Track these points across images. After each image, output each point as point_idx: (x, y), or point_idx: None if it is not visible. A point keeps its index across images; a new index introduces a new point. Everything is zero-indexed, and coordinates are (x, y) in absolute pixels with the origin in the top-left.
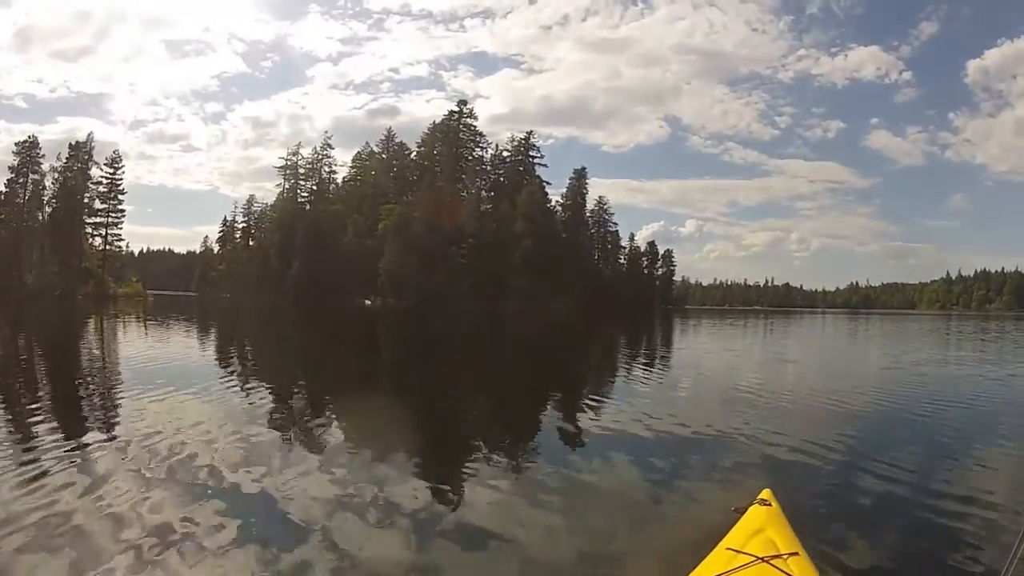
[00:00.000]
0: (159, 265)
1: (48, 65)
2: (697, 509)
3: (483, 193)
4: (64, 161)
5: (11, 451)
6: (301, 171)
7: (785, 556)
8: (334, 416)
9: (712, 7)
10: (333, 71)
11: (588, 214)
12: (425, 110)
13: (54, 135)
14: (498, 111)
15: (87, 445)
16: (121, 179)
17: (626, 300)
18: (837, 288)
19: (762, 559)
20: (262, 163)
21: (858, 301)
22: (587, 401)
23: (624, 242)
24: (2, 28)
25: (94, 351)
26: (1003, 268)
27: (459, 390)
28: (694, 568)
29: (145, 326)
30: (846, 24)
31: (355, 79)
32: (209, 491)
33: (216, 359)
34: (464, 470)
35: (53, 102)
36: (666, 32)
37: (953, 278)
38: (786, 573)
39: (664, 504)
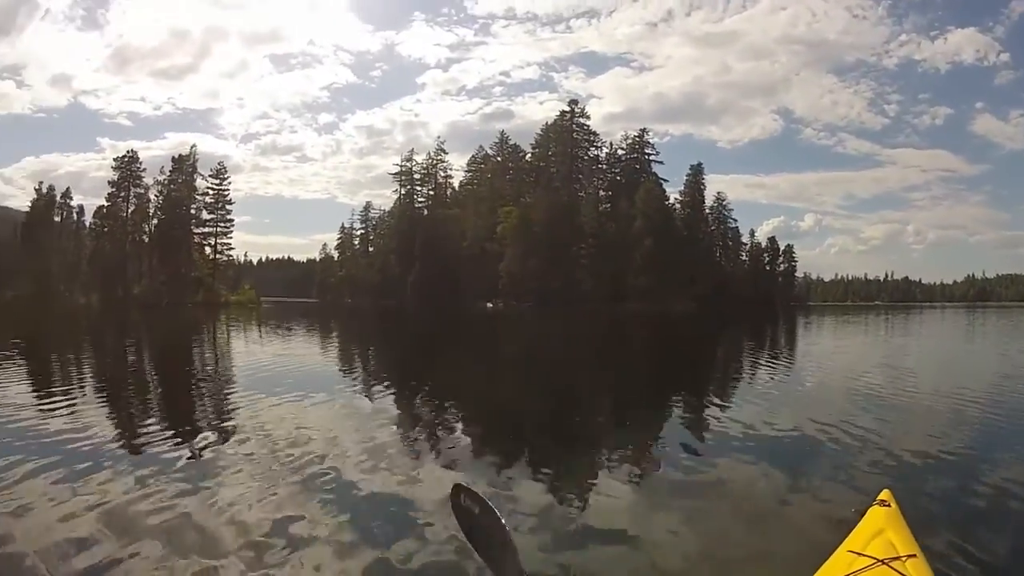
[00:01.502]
0: (278, 273)
1: (151, 84)
2: (818, 510)
3: (600, 192)
4: (168, 174)
5: (133, 455)
6: (416, 177)
7: (903, 558)
8: (458, 419)
9: None
10: (444, 77)
11: (707, 211)
12: (539, 112)
13: (162, 151)
14: (612, 110)
15: (210, 448)
16: (227, 190)
17: (748, 298)
18: (955, 281)
19: (881, 561)
20: (379, 171)
21: (975, 294)
22: (707, 401)
23: (745, 239)
24: (96, 50)
25: (207, 357)
26: None
27: (582, 391)
28: (815, 571)
29: (260, 332)
30: (942, 7)
31: (467, 84)
32: (333, 493)
33: (337, 363)
34: (585, 471)
35: (159, 119)
36: (770, 23)
37: None
38: (903, 575)
39: (785, 505)
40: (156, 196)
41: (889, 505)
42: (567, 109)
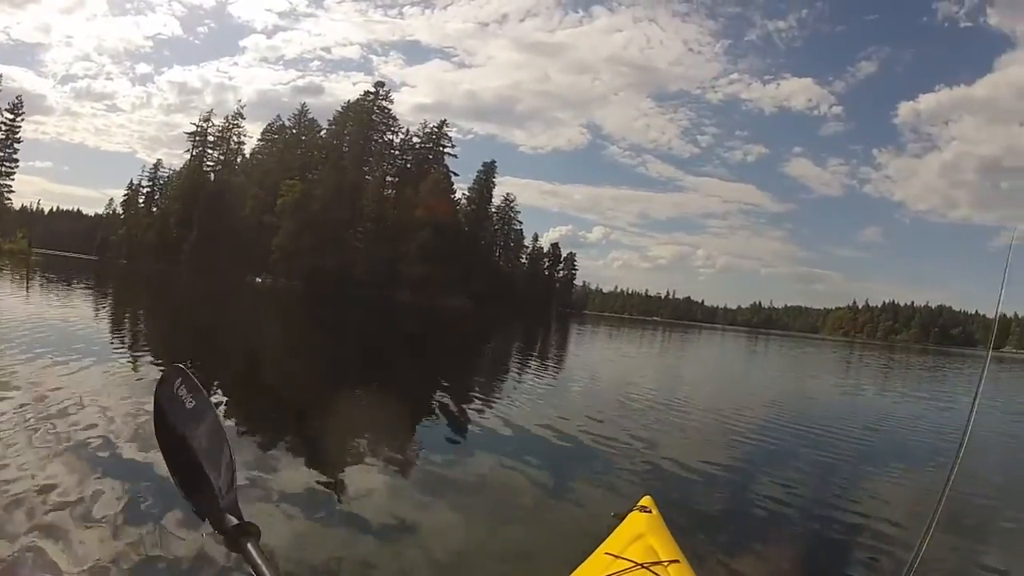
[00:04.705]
0: (67, 225)
1: None
2: (579, 512)
3: (388, 178)
4: None
5: None
6: (210, 139)
7: (665, 563)
8: (218, 397)
9: (652, 23)
10: (266, 44)
11: (494, 210)
12: (350, 92)
13: None
14: (423, 101)
15: None
16: (19, 127)
17: (523, 300)
18: (739, 306)
19: (641, 565)
20: (180, 130)
21: (759, 321)
22: (477, 400)
23: (528, 242)
24: None
25: None
26: (913, 302)
27: (345, 379)
28: (571, 572)
29: (27, 286)
30: (785, 55)
31: (286, 54)
32: (104, 465)
33: (102, 326)
34: (349, 462)
35: None
36: (602, 42)
37: (859, 307)
38: None
39: (546, 506)
40: None
41: (650, 511)
42: (371, 90)
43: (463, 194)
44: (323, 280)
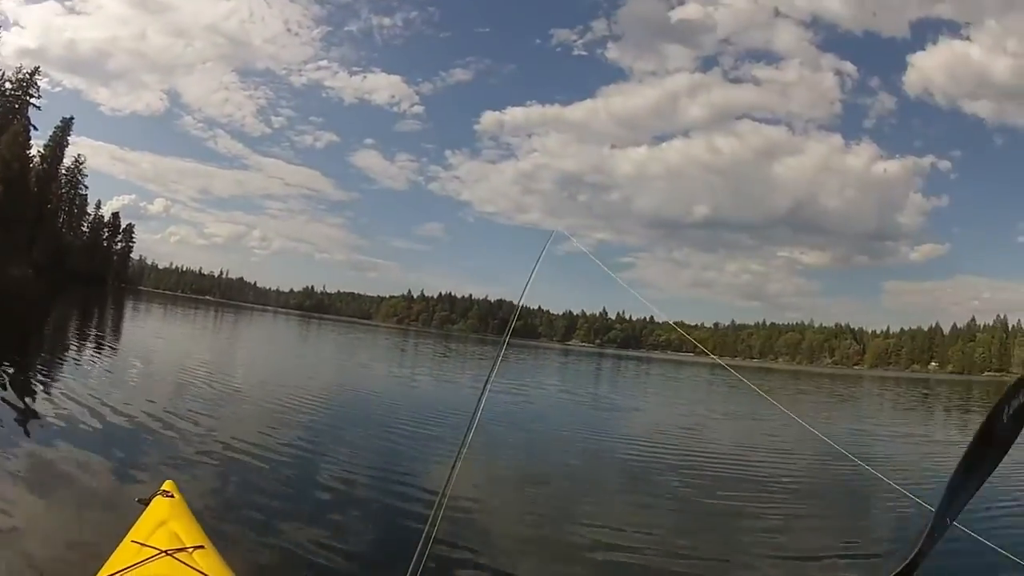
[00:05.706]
0: None
1: None
2: (107, 500)
3: None
4: None
5: None
6: None
7: (190, 549)
8: None
9: None
10: None
11: (64, 172)
12: None
13: None
14: (28, 45)
15: None
16: None
17: (83, 272)
18: (292, 290)
19: (166, 552)
20: None
21: (312, 305)
22: (32, 384)
23: (91, 210)
24: None
25: None
26: (471, 295)
27: None
28: (104, 562)
29: None
30: (381, 51)
31: None
32: None
33: None
34: None
35: None
36: (207, 8)
37: (415, 296)
38: (191, 566)
39: (77, 494)
40: None
41: (173, 496)
42: None
43: (38, 151)
44: None
